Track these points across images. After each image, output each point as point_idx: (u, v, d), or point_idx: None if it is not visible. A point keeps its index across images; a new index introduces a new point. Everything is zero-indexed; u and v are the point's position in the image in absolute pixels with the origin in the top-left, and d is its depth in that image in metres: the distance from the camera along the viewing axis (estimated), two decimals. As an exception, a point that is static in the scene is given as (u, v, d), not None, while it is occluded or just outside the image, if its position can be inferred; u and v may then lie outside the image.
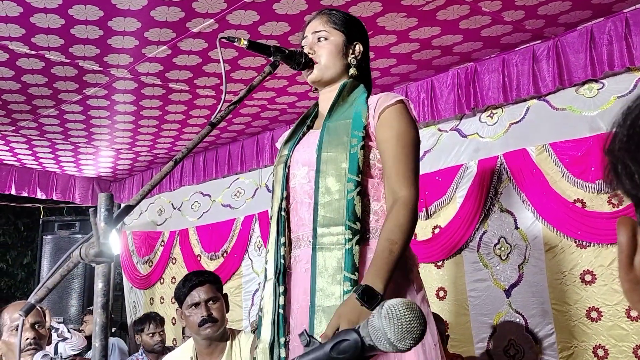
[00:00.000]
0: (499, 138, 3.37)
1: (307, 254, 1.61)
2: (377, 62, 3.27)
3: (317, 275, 1.55)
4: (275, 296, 1.62)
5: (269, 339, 1.61)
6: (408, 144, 1.62)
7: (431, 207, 3.54)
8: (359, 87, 1.73)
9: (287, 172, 1.72)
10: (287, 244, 1.67)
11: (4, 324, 2.15)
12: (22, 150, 4.87)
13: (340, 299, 1.49)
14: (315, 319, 1.52)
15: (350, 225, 1.54)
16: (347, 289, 1.49)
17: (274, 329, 1.61)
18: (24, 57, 3.13)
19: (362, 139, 1.59)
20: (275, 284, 1.63)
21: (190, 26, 2.82)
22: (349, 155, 1.58)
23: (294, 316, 1.62)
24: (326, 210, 1.57)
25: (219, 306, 2.53)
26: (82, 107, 3.88)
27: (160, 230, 5.44)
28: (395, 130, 1.62)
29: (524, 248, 3.18)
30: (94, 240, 1.14)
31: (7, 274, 10.07)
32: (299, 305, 1.61)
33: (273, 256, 1.67)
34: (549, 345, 3.02)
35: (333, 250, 1.54)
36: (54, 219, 5.85)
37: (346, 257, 1.52)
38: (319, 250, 1.56)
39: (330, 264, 1.53)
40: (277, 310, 1.61)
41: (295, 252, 1.67)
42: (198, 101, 3.83)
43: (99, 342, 1.14)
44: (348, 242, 1.52)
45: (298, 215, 1.67)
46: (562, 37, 3.03)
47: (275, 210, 1.71)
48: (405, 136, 1.62)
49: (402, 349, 0.78)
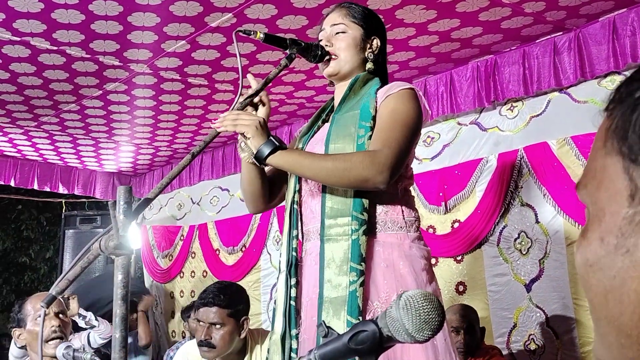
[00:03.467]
0: (519, 131, 3.34)
1: (316, 247, 1.62)
2: (395, 55, 3.25)
3: (325, 267, 1.55)
4: (287, 288, 1.63)
5: (280, 330, 1.62)
6: (401, 119, 1.55)
7: (450, 201, 3.51)
8: (373, 80, 1.71)
9: None
10: (299, 237, 1.68)
11: (27, 314, 2.19)
12: (44, 146, 4.94)
13: (347, 290, 1.49)
14: (323, 310, 1.52)
15: (357, 215, 1.53)
16: (353, 279, 1.49)
17: (285, 320, 1.61)
18: (45, 53, 3.17)
19: (369, 129, 1.58)
20: (287, 276, 1.64)
21: (208, 21, 2.83)
22: (356, 146, 1.57)
23: (304, 309, 1.63)
24: (334, 202, 1.58)
25: (223, 333, 2.37)
26: (102, 102, 3.92)
27: (179, 224, 5.48)
28: (392, 106, 1.58)
29: (545, 242, 3.15)
30: (114, 233, 1.15)
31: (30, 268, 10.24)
32: (309, 298, 1.61)
33: (285, 249, 1.68)
34: (570, 340, 2.98)
35: (340, 241, 1.54)
36: (75, 214, 5.92)
37: (352, 247, 1.51)
38: (327, 241, 1.56)
39: (337, 255, 1.53)
40: (289, 302, 1.62)
41: (306, 245, 1.68)
42: (217, 96, 3.84)
43: (119, 332, 1.16)
44: (354, 233, 1.52)
45: (309, 208, 1.68)
46: (584, 28, 2.98)
47: (289, 203, 1.72)
48: (399, 111, 1.56)
49: (421, 339, 0.78)
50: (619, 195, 0.45)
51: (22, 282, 10.32)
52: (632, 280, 0.44)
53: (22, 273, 10.32)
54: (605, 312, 0.47)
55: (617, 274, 0.45)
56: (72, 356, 1.93)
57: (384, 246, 1.57)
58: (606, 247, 0.47)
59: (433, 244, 3.41)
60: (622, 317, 0.45)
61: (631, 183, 0.44)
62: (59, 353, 1.98)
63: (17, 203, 9.27)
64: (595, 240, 0.48)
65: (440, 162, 3.59)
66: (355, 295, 1.48)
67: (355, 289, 1.48)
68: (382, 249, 1.56)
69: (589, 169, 0.49)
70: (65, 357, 1.97)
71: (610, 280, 0.46)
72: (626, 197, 0.45)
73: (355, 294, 1.48)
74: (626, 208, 0.45)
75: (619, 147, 0.45)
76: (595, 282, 0.48)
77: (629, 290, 0.45)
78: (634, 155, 0.44)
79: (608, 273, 0.46)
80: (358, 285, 1.48)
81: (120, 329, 1.15)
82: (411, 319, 0.77)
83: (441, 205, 3.51)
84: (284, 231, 1.70)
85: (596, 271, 0.48)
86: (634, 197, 0.44)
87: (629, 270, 0.45)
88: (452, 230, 3.50)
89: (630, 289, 0.45)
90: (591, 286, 0.49)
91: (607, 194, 0.47)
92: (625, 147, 0.45)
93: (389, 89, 1.63)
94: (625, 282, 0.45)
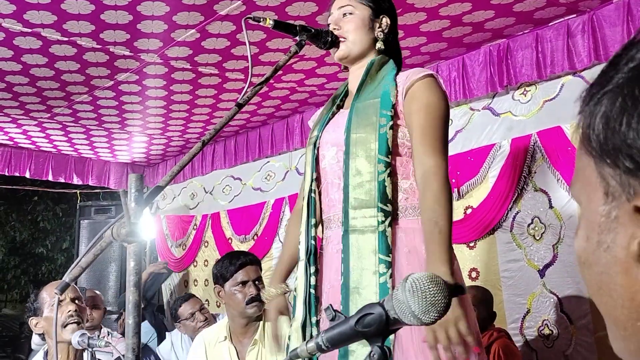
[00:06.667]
0: (532, 116, 3.30)
1: (338, 235, 1.61)
2: (406, 41, 3.23)
3: (350, 257, 1.55)
4: (307, 276, 1.63)
5: (301, 318, 1.62)
6: (437, 115, 1.59)
7: (463, 188, 3.49)
8: (388, 63, 1.70)
9: (316, 154, 1.72)
10: (317, 225, 1.68)
11: (43, 302, 2.22)
12: (57, 137, 4.98)
13: (376, 281, 1.49)
14: (350, 300, 1.52)
15: (382, 207, 1.53)
16: (382, 271, 1.49)
17: (305, 308, 1.62)
18: (56, 44, 3.18)
19: (390, 118, 1.58)
20: (307, 264, 1.64)
21: (217, 9, 2.83)
22: (378, 135, 1.57)
23: (325, 296, 1.63)
24: (357, 192, 1.57)
25: (263, 287, 2.55)
26: (114, 92, 3.94)
27: (192, 214, 5.51)
28: (424, 101, 1.59)
29: (559, 227, 3.12)
30: (125, 221, 1.16)
31: (47, 259, 10.37)
32: (331, 285, 1.62)
33: (304, 237, 1.68)
34: (584, 325, 2.97)
35: (366, 233, 1.54)
36: (90, 204, 5.98)
37: (380, 239, 1.52)
38: (352, 232, 1.56)
39: (364, 246, 1.53)
40: (309, 290, 1.62)
41: (326, 232, 1.68)
42: (228, 85, 3.84)
43: (132, 319, 1.17)
44: (381, 225, 1.52)
45: (329, 197, 1.67)
46: (598, 10, 2.93)
47: (306, 191, 1.71)
48: (433, 107, 1.59)
49: (427, 321, 0.78)
50: (596, 193, 0.48)
51: (40, 272, 10.47)
52: (617, 274, 0.46)
53: (39, 264, 10.47)
54: (602, 307, 0.49)
55: (603, 269, 0.47)
56: (87, 343, 1.95)
57: (406, 232, 1.57)
58: (591, 244, 0.49)
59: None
60: (615, 311, 0.47)
61: (603, 181, 0.47)
62: (74, 340, 2.01)
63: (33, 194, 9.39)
64: (582, 238, 0.50)
65: (453, 148, 3.55)
66: (386, 286, 1.48)
67: (386, 281, 1.49)
68: (405, 234, 1.56)
69: (576, 169, 0.52)
70: (80, 344, 1.99)
71: (599, 276, 0.48)
72: (601, 195, 0.47)
73: (386, 286, 1.48)
74: (602, 205, 0.47)
75: (588, 147, 0.48)
76: (588, 278, 0.50)
77: (616, 285, 0.46)
78: (599, 155, 0.47)
79: (596, 269, 0.48)
80: (388, 277, 1.49)
81: (133, 315, 1.16)
82: (417, 301, 0.77)
83: (454, 191, 3.49)
84: (302, 219, 1.70)
85: (587, 268, 0.50)
86: (607, 194, 0.47)
87: (612, 266, 0.46)
88: (465, 217, 3.49)
89: (616, 284, 0.46)
90: (587, 282, 0.51)
91: (587, 192, 0.49)
92: (590, 147, 0.48)
93: (411, 77, 1.62)
94: (611, 277, 0.47)
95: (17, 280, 10.61)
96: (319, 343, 0.81)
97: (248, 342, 2.55)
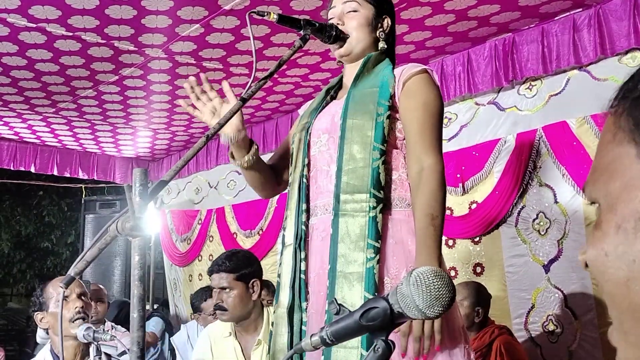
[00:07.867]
0: (538, 110, 3.29)
1: (323, 222, 1.62)
2: (411, 35, 3.22)
3: (338, 241, 1.55)
4: (296, 262, 1.63)
5: (287, 303, 1.62)
6: (434, 113, 1.61)
7: (468, 183, 3.49)
8: (385, 60, 1.72)
9: (307, 140, 1.72)
10: (307, 211, 1.68)
11: (49, 297, 2.22)
12: (62, 132, 4.99)
13: (363, 266, 1.49)
14: (336, 284, 1.52)
15: (375, 193, 1.53)
16: (370, 256, 1.49)
17: (293, 293, 1.62)
18: (61, 39, 3.19)
19: (388, 108, 1.59)
20: (296, 249, 1.64)
21: (222, 3, 2.82)
22: (375, 123, 1.57)
23: (311, 284, 1.63)
24: (350, 177, 1.57)
25: (233, 296, 2.51)
26: (119, 87, 3.94)
27: (197, 208, 5.52)
28: (422, 99, 1.60)
29: (564, 223, 3.11)
30: (130, 215, 1.16)
31: (52, 253, 10.42)
32: (316, 273, 1.61)
33: (293, 222, 1.67)
34: (589, 320, 2.96)
35: (356, 217, 1.53)
36: (95, 199, 6.00)
37: (370, 224, 1.51)
38: (342, 216, 1.55)
39: (353, 230, 1.53)
40: (299, 276, 1.62)
41: (312, 220, 1.67)
42: (232, 80, 3.83)
43: (137, 313, 1.17)
44: (372, 210, 1.52)
45: (317, 184, 1.67)
46: (604, 4, 2.91)
47: (297, 177, 1.71)
48: (431, 105, 1.61)
49: (432, 315, 0.78)
50: (635, 180, 0.48)
51: (45, 266, 10.52)
52: None
53: (45, 258, 10.52)
54: (628, 302, 0.49)
55: (636, 257, 0.47)
56: (93, 337, 1.96)
57: (393, 222, 1.57)
58: (623, 233, 0.48)
59: (450, 225, 3.40)
60: None
61: None
62: (79, 334, 2.02)
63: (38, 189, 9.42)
64: (611, 229, 0.49)
65: (458, 143, 3.56)
66: (372, 272, 1.48)
67: (373, 266, 1.49)
68: (391, 225, 1.57)
69: (597, 165, 0.52)
70: (85, 338, 2.00)
71: (631, 265, 0.48)
72: None
73: (373, 271, 1.48)
74: None
75: (632, 136, 0.48)
76: (613, 272, 0.50)
77: None
78: None
79: (627, 258, 0.48)
80: (375, 262, 1.49)
81: (138, 309, 1.16)
82: (422, 295, 0.77)
83: (458, 186, 3.49)
84: (291, 205, 1.70)
85: (614, 260, 0.49)
86: None
87: None
88: (470, 212, 3.48)
89: None
90: (610, 277, 0.50)
91: (621, 182, 0.49)
92: (637, 135, 0.48)
93: (407, 70, 1.63)
94: None
95: (22, 274, 10.67)
96: (323, 336, 0.81)
97: (251, 338, 2.57)
